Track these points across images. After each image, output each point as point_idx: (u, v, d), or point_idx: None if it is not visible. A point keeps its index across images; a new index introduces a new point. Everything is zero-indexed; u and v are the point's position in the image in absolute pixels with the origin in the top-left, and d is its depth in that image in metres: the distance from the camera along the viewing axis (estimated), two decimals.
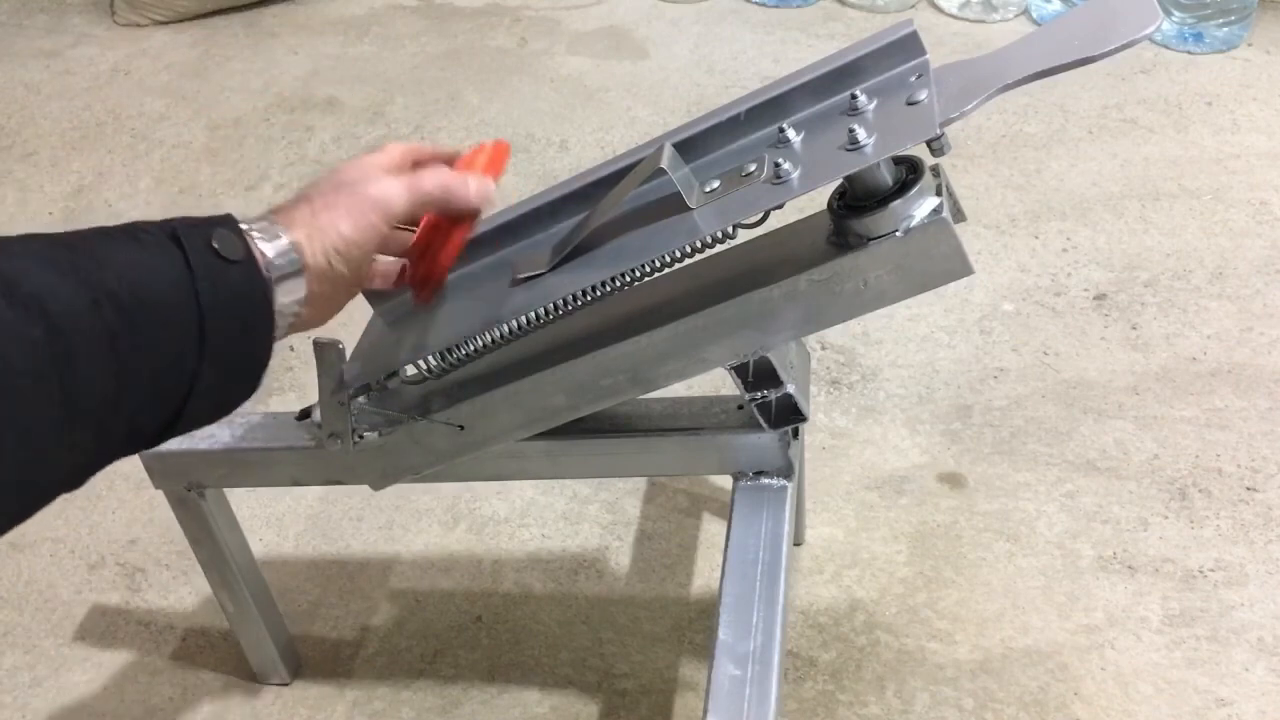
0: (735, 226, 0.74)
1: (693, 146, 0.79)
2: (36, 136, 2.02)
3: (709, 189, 0.76)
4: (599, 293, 0.77)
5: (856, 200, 0.74)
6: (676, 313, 0.79)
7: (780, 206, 0.72)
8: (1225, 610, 1.11)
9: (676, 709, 1.09)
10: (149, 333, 0.57)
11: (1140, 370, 1.36)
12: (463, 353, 0.81)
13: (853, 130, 0.70)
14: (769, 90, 0.77)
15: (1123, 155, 1.70)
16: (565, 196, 0.83)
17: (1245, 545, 1.16)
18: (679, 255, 0.75)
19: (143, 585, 1.26)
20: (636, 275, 0.76)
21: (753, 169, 0.74)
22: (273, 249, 0.64)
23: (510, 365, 0.85)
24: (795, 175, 0.71)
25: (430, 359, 0.82)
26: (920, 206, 0.72)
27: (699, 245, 0.75)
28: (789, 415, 0.86)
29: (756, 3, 2.18)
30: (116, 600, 1.25)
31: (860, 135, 0.69)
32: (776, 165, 0.72)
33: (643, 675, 1.12)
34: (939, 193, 0.73)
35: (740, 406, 0.90)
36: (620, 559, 1.23)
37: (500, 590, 1.21)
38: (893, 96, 0.72)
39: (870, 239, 0.73)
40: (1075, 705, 1.05)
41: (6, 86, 2.16)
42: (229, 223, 0.63)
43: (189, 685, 1.16)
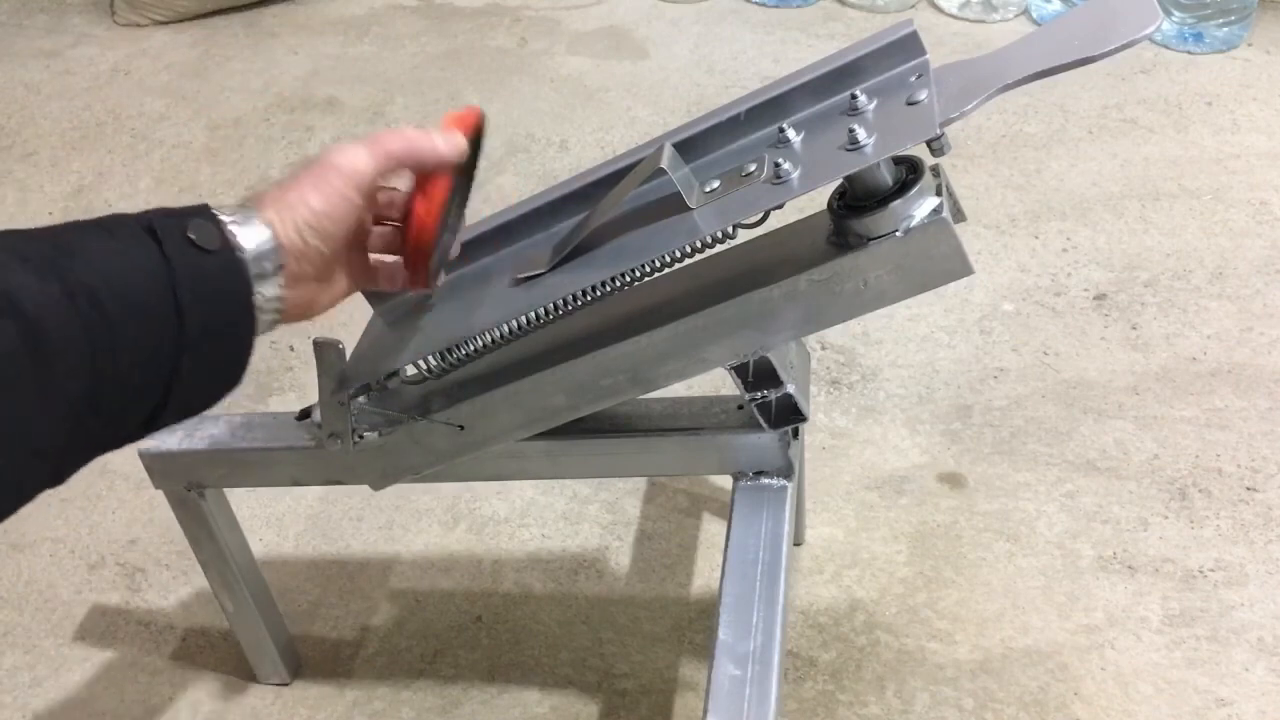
0: (735, 226, 0.74)
1: (693, 146, 0.79)
2: (36, 136, 2.02)
3: (709, 189, 0.76)
4: (599, 293, 0.77)
5: (856, 200, 0.74)
6: (676, 313, 0.79)
7: (780, 206, 0.72)
8: (1225, 610, 1.11)
9: (676, 709, 1.09)
10: (126, 326, 0.56)
11: (1140, 370, 1.36)
12: (463, 353, 0.81)
13: (853, 130, 0.70)
14: (769, 90, 0.77)
15: (1123, 155, 1.70)
16: (565, 196, 0.83)
17: (1245, 545, 1.16)
18: (679, 255, 0.75)
19: (143, 585, 1.26)
20: (636, 275, 0.76)
21: (753, 169, 0.74)
22: (246, 233, 0.64)
23: (510, 365, 0.85)
24: (795, 175, 0.71)
25: (430, 359, 0.82)
26: (920, 206, 0.72)
27: (699, 245, 0.75)
28: (789, 415, 0.86)
29: (756, 3, 2.18)
30: (116, 600, 1.25)
31: (860, 135, 0.69)
32: (776, 165, 0.72)
33: (643, 675, 1.12)
34: (939, 193, 0.73)
35: (740, 406, 0.90)
36: (620, 559, 1.23)
37: (500, 590, 1.21)
38: (893, 96, 0.72)
39: (870, 239, 0.73)
40: (1075, 705, 1.05)
41: (6, 86, 2.16)
42: (205, 212, 0.62)
43: (189, 685, 1.16)
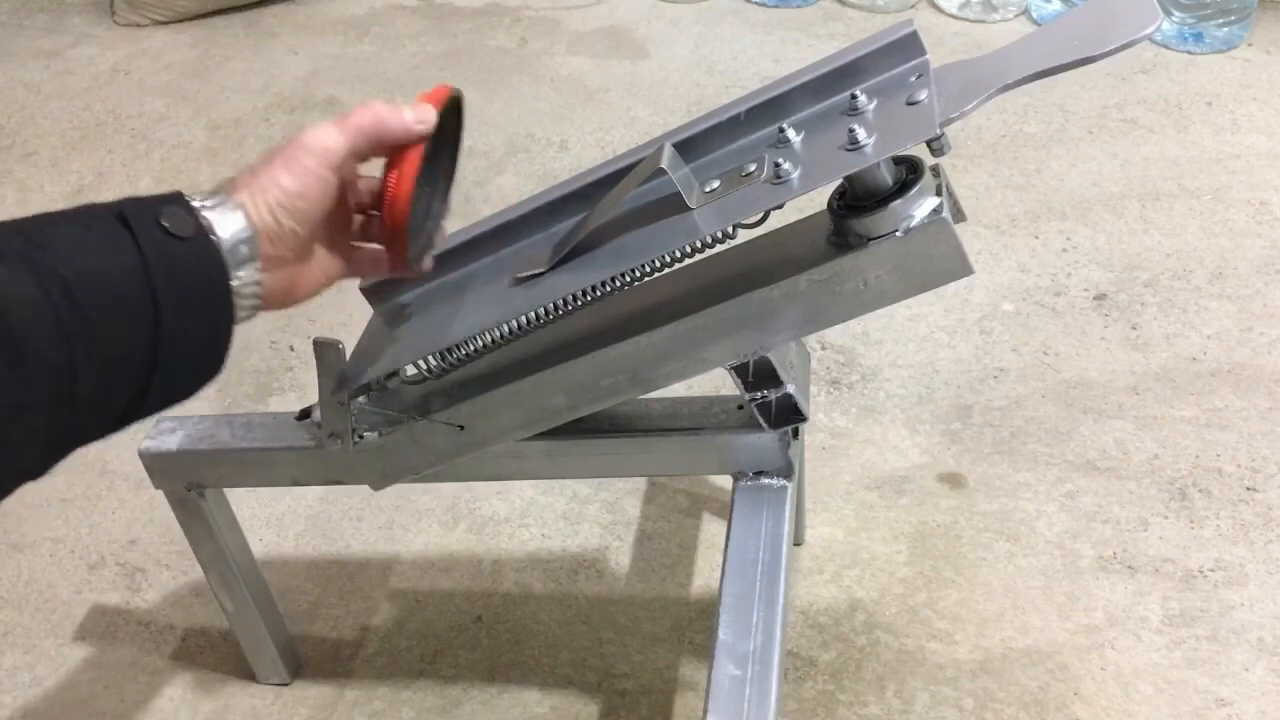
0: (735, 226, 0.74)
1: (693, 146, 0.79)
2: (36, 136, 2.02)
3: (709, 189, 0.76)
4: (599, 293, 0.77)
5: (856, 200, 0.74)
6: (676, 313, 0.79)
7: (780, 206, 0.72)
8: (1225, 610, 1.11)
9: (676, 709, 1.09)
10: (101, 317, 0.56)
11: (1140, 370, 1.36)
12: (463, 353, 0.81)
13: (853, 130, 0.70)
14: (769, 90, 0.77)
15: (1123, 155, 1.70)
16: (565, 196, 0.83)
17: (1245, 545, 1.16)
18: (679, 255, 0.75)
19: (143, 585, 1.26)
20: (636, 275, 0.76)
21: (753, 169, 0.74)
22: (220, 218, 0.63)
23: (510, 365, 0.85)
24: (795, 175, 0.71)
25: (430, 359, 0.82)
26: (920, 206, 0.72)
27: (699, 245, 0.75)
28: (789, 415, 0.86)
29: (756, 3, 2.18)
30: (116, 600, 1.25)
31: (860, 135, 0.69)
32: (776, 165, 0.72)
33: (643, 675, 1.12)
34: (939, 193, 0.73)
35: (740, 406, 0.90)
36: (620, 559, 1.23)
37: (500, 590, 1.21)
38: (893, 96, 0.72)
39: (870, 239, 0.73)
40: (1075, 705, 1.05)
41: (6, 86, 2.16)
42: (178, 200, 0.62)
43: (189, 685, 1.16)
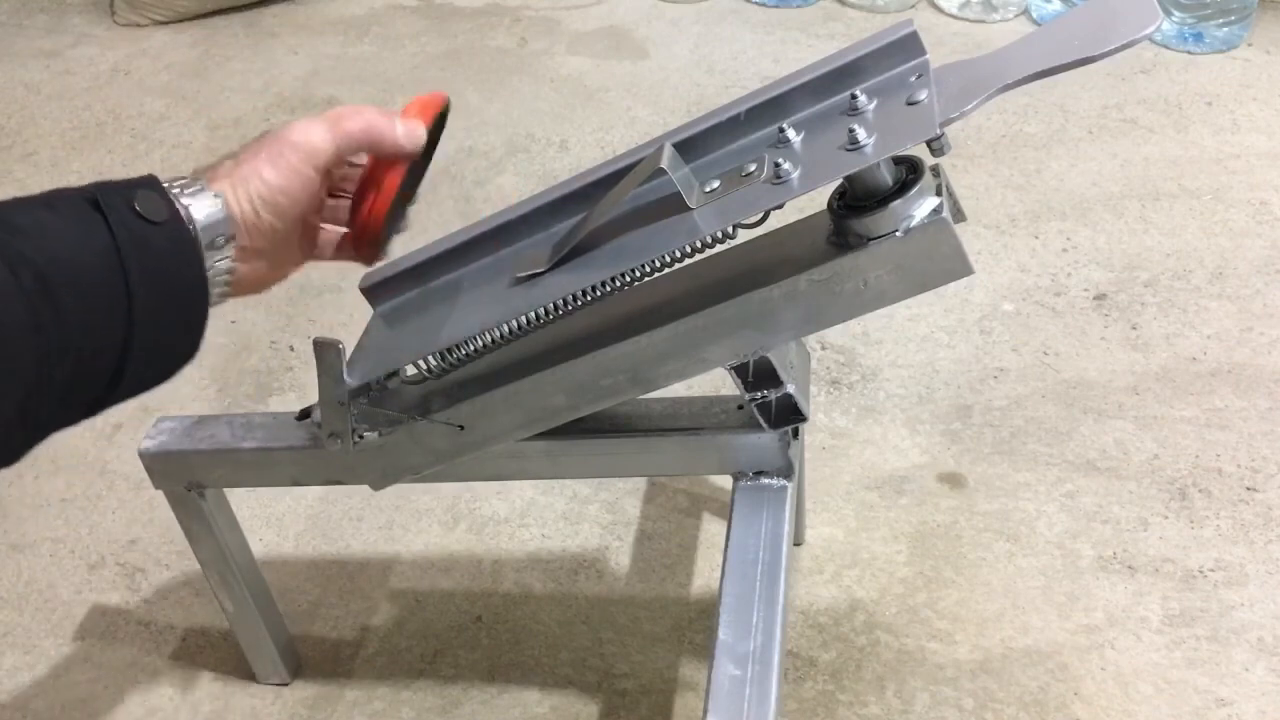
0: (735, 226, 0.74)
1: (693, 146, 0.79)
2: (36, 136, 2.02)
3: (709, 189, 0.76)
4: (599, 293, 0.77)
5: (856, 200, 0.74)
6: (676, 313, 0.79)
7: (780, 206, 0.72)
8: (1225, 610, 1.11)
9: (676, 709, 1.09)
10: (71, 301, 0.55)
11: (1140, 370, 1.36)
12: (463, 353, 0.81)
13: (853, 130, 0.70)
14: (769, 90, 0.77)
15: (1123, 155, 1.70)
16: (565, 196, 0.83)
17: (1245, 545, 1.16)
18: (679, 255, 0.75)
19: (143, 585, 1.26)
20: (636, 275, 0.76)
21: (753, 169, 0.74)
22: (196, 203, 0.63)
23: (510, 365, 0.85)
24: (795, 175, 0.71)
25: (430, 359, 0.82)
26: (920, 206, 0.72)
27: (699, 245, 0.75)
28: (789, 415, 0.86)
29: (756, 3, 2.18)
30: (116, 600, 1.25)
31: (860, 135, 0.69)
32: (776, 165, 0.72)
33: (643, 675, 1.12)
34: (939, 193, 0.73)
35: (740, 406, 0.90)
36: (620, 559, 1.23)
37: (500, 590, 1.21)
38: (893, 96, 0.72)
39: (870, 239, 0.73)
40: (1075, 705, 1.05)
41: (6, 86, 2.16)
42: (151, 183, 0.61)
43: (189, 685, 1.16)
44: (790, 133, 0.74)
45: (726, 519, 0.90)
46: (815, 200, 0.73)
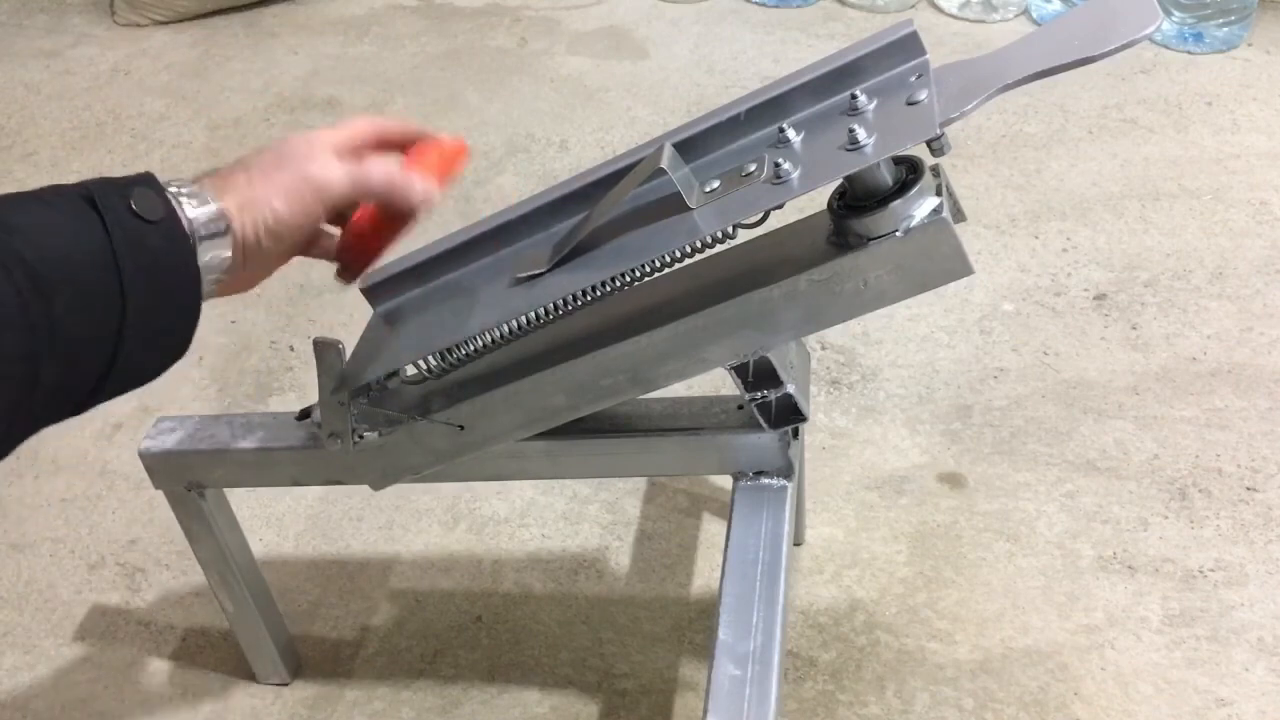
0: (735, 226, 0.74)
1: (693, 146, 0.79)
2: (36, 136, 2.02)
3: (709, 189, 0.76)
4: (599, 293, 0.77)
5: (856, 200, 0.74)
6: (676, 313, 0.79)
7: (780, 206, 0.72)
8: (1225, 610, 1.11)
9: (676, 709, 1.09)
10: (64, 298, 0.55)
11: (1140, 370, 1.36)
12: (463, 353, 0.81)
13: (853, 130, 0.70)
14: (769, 90, 0.77)
15: (1123, 155, 1.70)
16: (565, 196, 0.83)
17: (1245, 545, 1.16)
18: (679, 255, 0.75)
19: (143, 585, 1.26)
20: (636, 275, 0.76)
21: (753, 169, 0.74)
22: (200, 214, 0.62)
23: (510, 365, 0.85)
24: (795, 175, 0.71)
25: (430, 359, 0.82)
26: (920, 206, 0.72)
27: (699, 245, 0.75)
28: (789, 415, 0.86)
29: (756, 3, 2.18)
30: (116, 600, 1.25)
31: (860, 135, 0.69)
32: (776, 165, 0.72)
33: (643, 675, 1.12)
34: (939, 193, 0.73)
35: (740, 406, 0.90)
36: (620, 559, 1.23)
37: (500, 590, 1.21)
38: (893, 96, 0.72)
39: (870, 239, 0.73)
40: (1075, 705, 1.05)
41: (6, 86, 2.16)
42: (149, 181, 0.61)
43: (189, 685, 1.16)
44: (790, 133, 0.74)
45: (726, 519, 0.90)
46: (815, 200, 0.73)
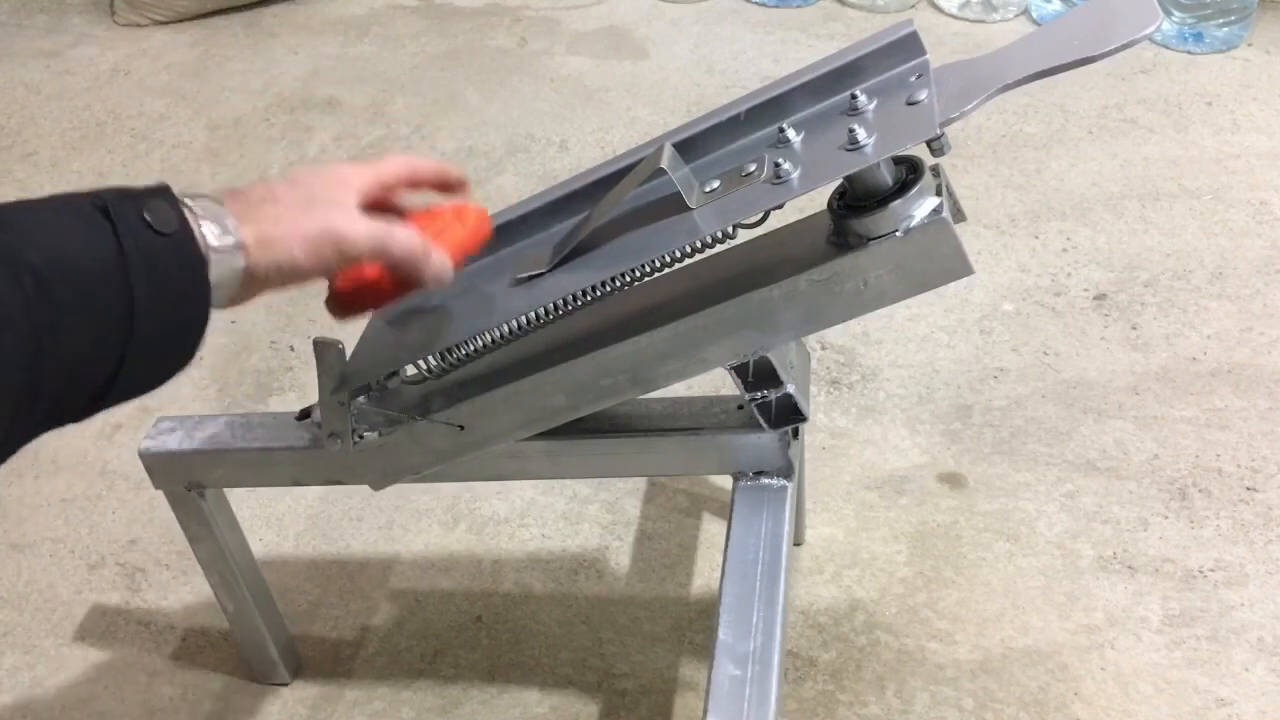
0: (735, 226, 0.74)
1: (693, 146, 0.79)
2: (36, 136, 2.02)
3: (709, 189, 0.76)
4: (599, 293, 0.77)
5: (856, 200, 0.74)
6: (676, 313, 0.80)
7: (780, 206, 0.72)
8: (1225, 610, 1.11)
9: (676, 709, 1.09)
10: (71, 307, 0.55)
11: (1140, 370, 1.36)
12: (463, 353, 0.81)
13: (853, 130, 0.70)
14: (769, 90, 0.77)
15: (1123, 155, 1.70)
16: (565, 196, 0.83)
17: (1245, 545, 1.16)
18: (679, 255, 0.75)
19: (143, 585, 1.26)
20: (636, 275, 0.76)
21: (753, 169, 0.74)
22: (216, 238, 0.62)
23: (510, 365, 0.85)
24: (795, 175, 0.71)
25: (430, 359, 0.82)
26: (920, 206, 0.72)
27: (699, 245, 0.75)
28: (789, 415, 0.86)
29: (756, 3, 2.18)
30: (116, 600, 1.25)
31: (860, 135, 0.69)
32: (776, 165, 0.72)
33: (643, 675, 1.12)
34: (939, 193, 0.73)
35: (740, 406, 0.90)
36: (620, 559, 1.23)
37: (500, 590, 1.21)
38: (893, 96, 0.72)
39: (870, 239, 0.73)
40: (1075, 705, 1.05)
41: (6, 86, 2.16)
42: (164, 193, 0.61)
43: (189, 685, 1.16)
44: (790, 133, 0.74)
45: (726, 519, 0.90)
46: (815, 200, 0.73)
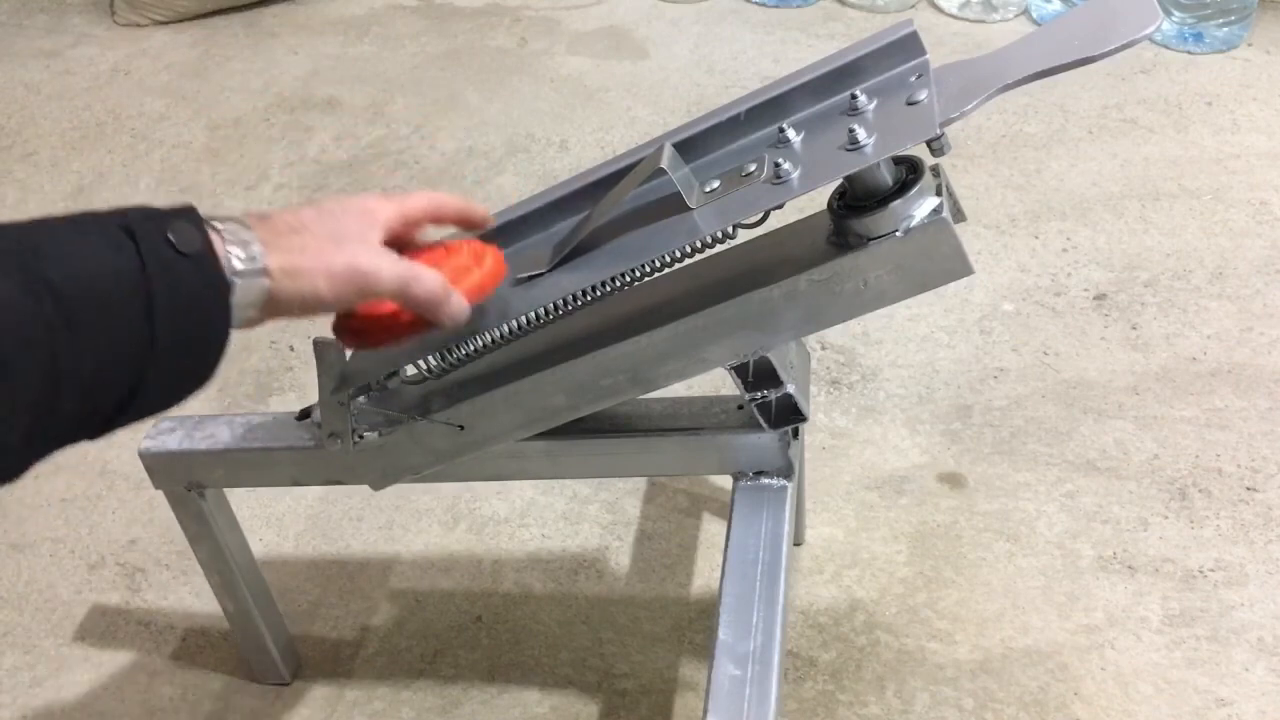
0: (735, 226, 0.74)
1: (693, 146, 0.79)
2: (36, 136, 2.02)
3: (709, 189, 0.76)
4: (599, 293, 0.77)
5: (856, 200, 0.74)
6: (676, 313, 0.80)
7: (780, 206, 0.72)
8: (1225, 610, 1.11)
9: (676, 709, 1.09)
10: (91, 325, 0.55)
11: (1140, 370, 1.36)
12: (463, 353, 0.81)
13: (853, 130, 0.70)
14: (769, 90, 0.77)
15: (1123, 155, 1.70)
16: (565, 196, 0.83)
17: (1245, 545, 1.16)
18: (679, 255, 0.75)
19: (143, 585, 1.26)
20: (636, 275, 0.76)
21: (753, 169, 0.74)
22: (242, 262, 0.62)
23: (510, 365, 0.85)
24: (795, 175, 0.71)
25: (430, 359, 0.82)
26: (920, 206, 0.72)
27: (699, 245, 0.75)
28: (789, 415, 0.86)
29: (756, 3, 2.18)
30: (116, 600, 1.25)
31: (860, 135, 0.69)
32: (776, 165, 0.72)
33: (643, 675, 1.12)
34: (939, 193, 0.73)
35: (740, 406, 0.90)
36: (620, 559, 1.23)
37: (500, 590, 1.21)
38: (893, 96, 0.72)
39: (870, 239, 0.73)
40: (1075, 705, 1.05)
41: (6, 86, 2.16)
42: (188, 214, 0.60)
43: (189, 685, 1.16)
44: (790, 133, 0.74)
45: (726, 519, 0.90)
46: (815, 200, 0.73)
